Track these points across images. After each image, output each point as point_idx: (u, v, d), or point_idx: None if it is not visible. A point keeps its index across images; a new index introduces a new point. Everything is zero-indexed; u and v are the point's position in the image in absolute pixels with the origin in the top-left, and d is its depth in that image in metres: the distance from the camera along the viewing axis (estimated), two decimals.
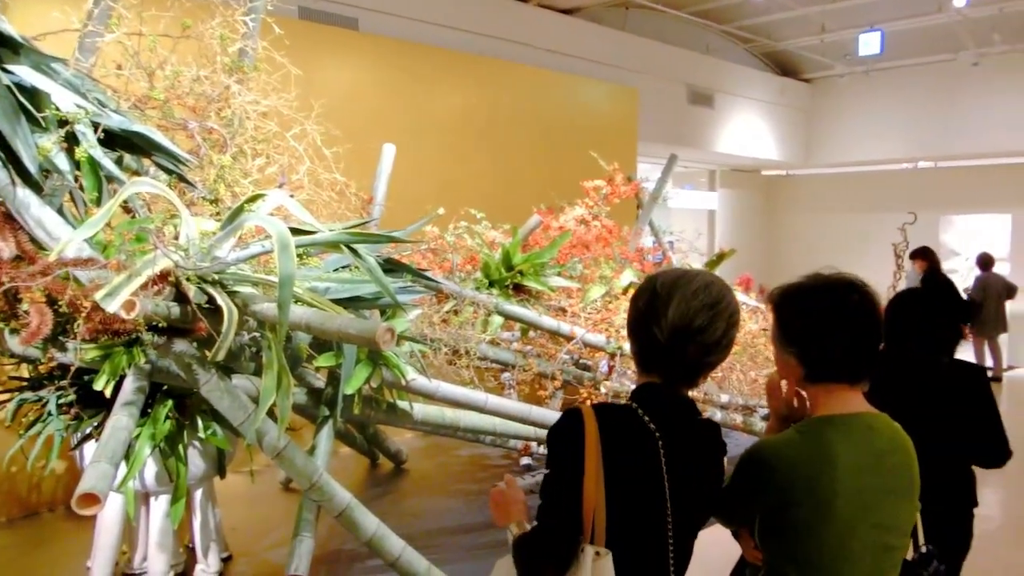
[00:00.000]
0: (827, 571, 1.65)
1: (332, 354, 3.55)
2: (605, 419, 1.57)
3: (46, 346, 3.12)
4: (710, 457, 1.67)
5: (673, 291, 1.59)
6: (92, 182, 3.14)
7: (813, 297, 1.72)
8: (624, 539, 1.54)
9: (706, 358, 1.61)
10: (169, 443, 3.46)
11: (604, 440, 1.54)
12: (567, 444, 1.55)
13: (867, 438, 1.69)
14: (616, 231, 5.57)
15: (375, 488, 5.42)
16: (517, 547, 1.60)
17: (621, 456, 1.54)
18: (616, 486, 1.53)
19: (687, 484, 1.60)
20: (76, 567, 3.94)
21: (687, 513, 1.61)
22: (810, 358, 1.70)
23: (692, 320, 1.57)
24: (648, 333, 1.60)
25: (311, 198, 3.92)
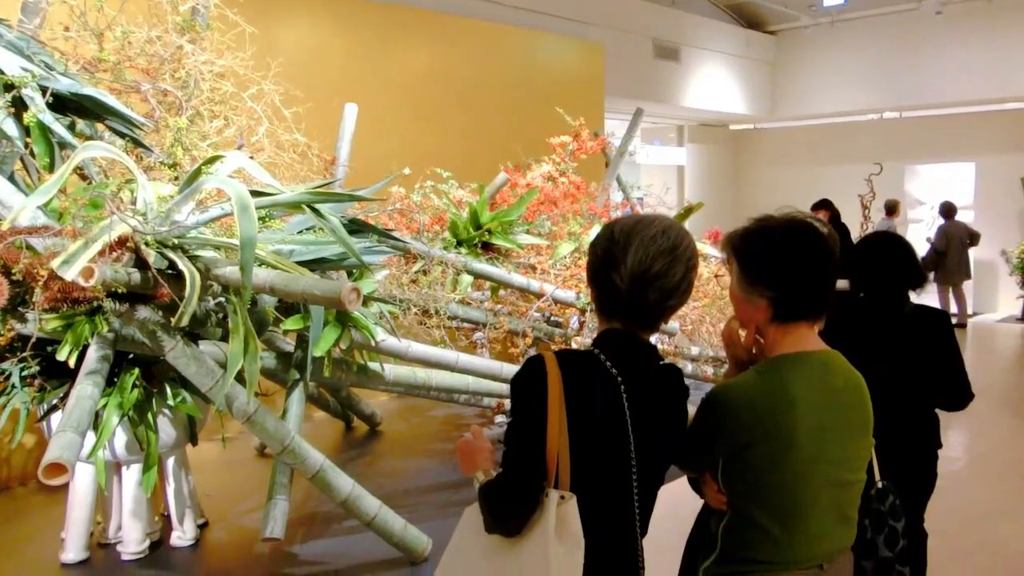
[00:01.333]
0: (790, 508, 1.67)
1: (299, 317, 3.52)
2: (567, 364, 1.56)
3: (5, 317, 3.06)
4: (672, 401, 1.67)
5: (631, 237, 1.59)
6: (43, 148, 3.06)
7: (780, 236, 1.72)
8: (588, 484, 1.55)
9: (666, 302, 1.61)
10: (138, 411, 3.43)
11: (567, 385, 1.54)
12: (530, 390, 1.55)
13: (823, 376, 1.71)
14: (584, 187, 5.56)
15: (350, 451, 5.43)
16: (482, 494, 1.60)
17: (584, 401, 1.55)
18: (579, 431, 1.54)
19: (650, 428, 1.60)
20: (50, 539, 3.92)
21: (650, 458, 1.61)
22: (781, 298, 1.70)
23: (651, 266, 1.57)
24: (608, 280, 1.59)
25: (272, 160, 3.86)
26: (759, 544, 1.69)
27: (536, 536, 1.53)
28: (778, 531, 1.67)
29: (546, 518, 1.51)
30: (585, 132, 5.66)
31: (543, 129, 5.94)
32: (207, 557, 3.87)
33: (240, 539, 4.04)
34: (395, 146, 5.85)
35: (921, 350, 2.77)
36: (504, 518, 1.56)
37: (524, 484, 1.53)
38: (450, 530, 1.67)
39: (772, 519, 1.67)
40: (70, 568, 3.69)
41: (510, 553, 1.56)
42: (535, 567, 1.51)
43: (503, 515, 1.57)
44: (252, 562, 3.79)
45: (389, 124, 6.43)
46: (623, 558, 1.63)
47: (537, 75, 8.26)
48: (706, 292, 5.52)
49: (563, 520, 1.51)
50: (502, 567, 1.57)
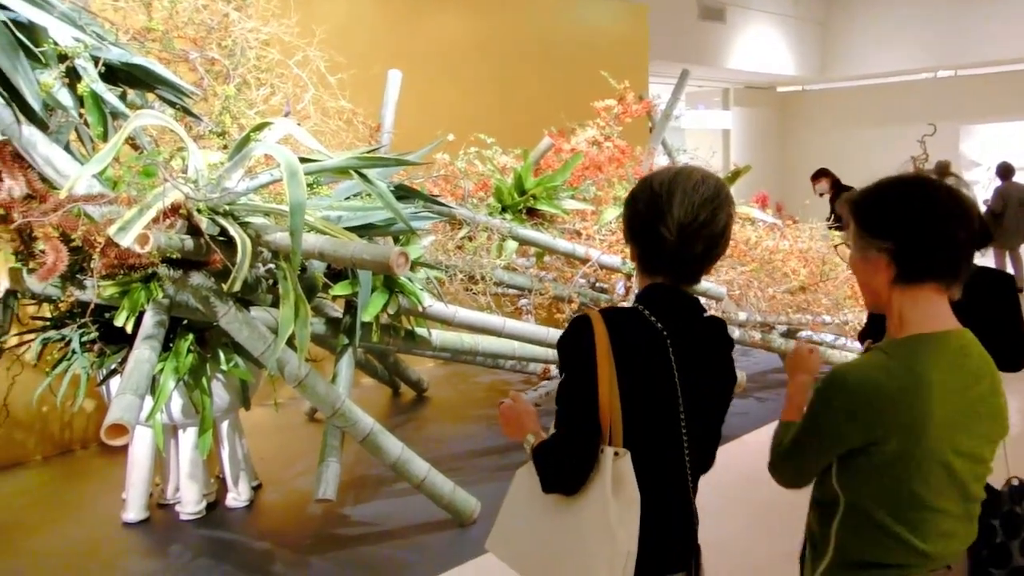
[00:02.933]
0: (920, 505, 1.52)
1: (348, 282, 3.55)
2: (612, 322, 1.57)
3: (64, 284, 3.15)
4: (718, 352, 1.67)
5: (674, 188, 1.57)
6: (96, 117, 3.11)
7: (899, 185, 1.61)
8: (640, 440, 1.56)
9: (712, 251, 1.60)
10: (193, 376, 3.51)
11: (614, 342, 1.54)
12: (578, 349, 1.56)
13: (959, 359, 1.54)
14: (629, 152, 5.49)
15: (398, 416, 5.50)
16: (538, 455, 1.61)
17: (631, 356, 1.55)
18: (629, 387, 1.54)
19: (698, 382, 1.60)
20: (112, 500, 4.05)
21: (700, 411, 1.62)
22: (900, 249, 1.52)
23: (697, 214, 1.55)
24: (654, 234, 1.57)
25: (318, 127, 3.88)
26: (884, 546, 1.54)
27: (594, 494, 1.53)
28: (906, 531, 1.53)
29: (603, 475, 1.52)
30: (630, 95, 5.58)
31: (587, 93, 5.87)
32: (261, 518, 3.97)
33: (293, 501, 4.13)
34: (438, 112, 5.83)
35: (985, 313, 2.70)
36: (564, 477, 1.57)
37: (582, 441, 1.54)
38: (498, 494, 1.66)
39: (900, 519, 1.53)
40: (131, 527, 3.82)
41: (568, 512, 1.57)
42: (596, 525, 1.52)
43: (563, 474, 1.57)
44: (304, 523, 3.88)
45: (432, 90, 6.41)
46: (676, 513, 1.63)
47: (580, 38, 8.15)
48: (754, 256, 5.44)
49: (619, 477, 1.52)
50: (562, 526, 1.58)
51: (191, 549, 3.62)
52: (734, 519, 3.70)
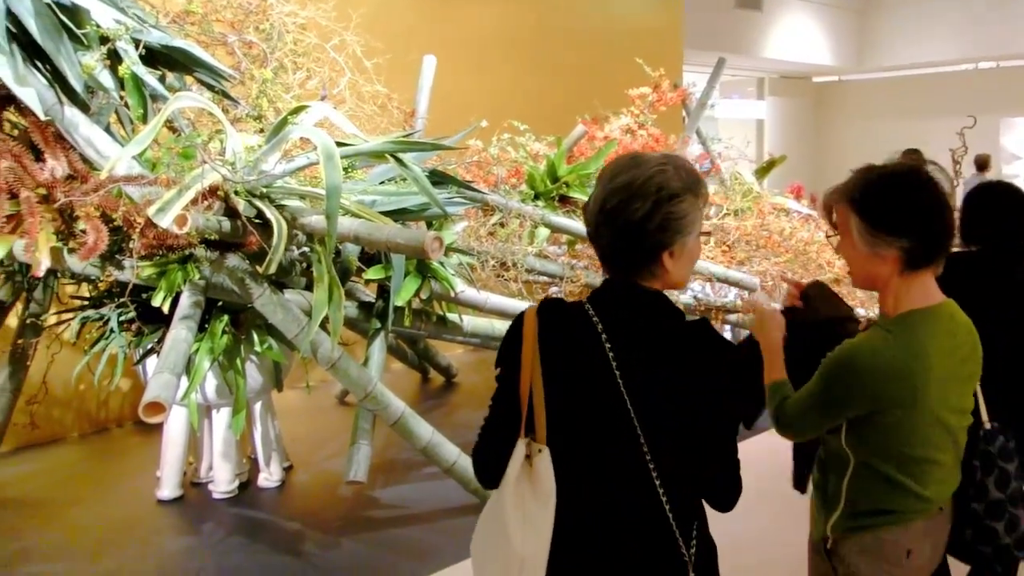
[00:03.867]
0: (921, 458, 1.70)
1: (381, 267, 3.57)
2: (546, 316, 1.51)
3: (104, 264, 3.19)
4: (704, 359, 1.49)
5: (600, 178, 1.52)
6: (137, 99, 3.14)
7: (906, 182, 1.68)
8: (574, 439, 1.48)
9: (640, 242, 1.46)
10: (227, 357, 3.55)
11: (542, 337, 1.49)
12: (507, 341, 1.54)
13: (950, 328, 1.72)
14: (663, 140, 5.44)
15: (427, 401, 5.52)
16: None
17: (557, 352, 1.49)
18: (554, 382, 1.47)
19: (654, 382, 1.46)
20: (146, 477, 4.12)
21: (662, 414, 1.45)
22: (916, 247, 1.66)
23: (604, 203, 1.47)
24: (591, 226, 1.52)
25: (353, 112, 3.89)
26: (890, 495, 1.72)
27: (505, 488, 1.49)
28: (910, 481, 1.71)
29: (510, 469, 1.48)
30: (665, 83, 5.53)
31: (621, 81, 5.82)
32: (293, 498, 4.02)
33: (324, 482, 4.18)
34: (472, 99, 5.83)
35: None
36: (481, 469, 1.56)
37: (493, 435, 1.53)
38: None
39: (904, 471, 1.70)
40: (166, 504, 3.89)
41: (489, 507, 1.56)
42: (495, 523, 1.51)
43: (480, 466, 1.56)
44: (335, 504, 3.92)
45: (466, 76, 6.40)
46: (637, 521, 1.49)
47: (615, 26, 8.09)
48: (788, 248, 5.38)
49: (535, 473, 1.46)
50: (488, 521, 1.56)
51: (224, 527, 3.68)
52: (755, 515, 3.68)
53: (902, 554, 1.73)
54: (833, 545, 1.77)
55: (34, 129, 2.99)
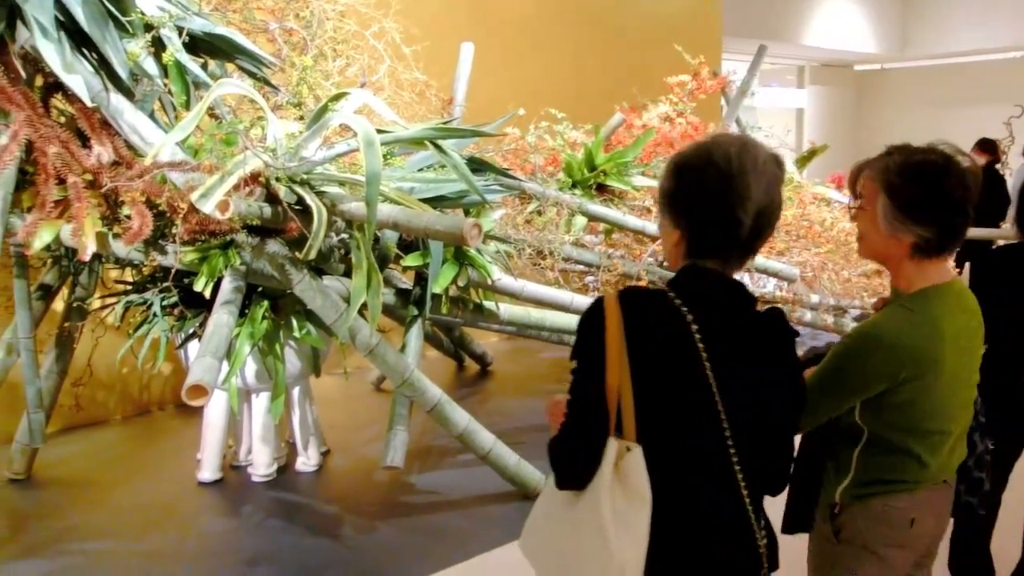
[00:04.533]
0: (936, 431, 1.75)
1: (419, 254, 3.58)
2: (631, 305, 1.44)
3: (147, 249, 3.24)
4: (776, 350, 1.50)
5: (744, 166, 1.42)
6: (180, 86, 3.18)
7: (941, 174, 1.68)
8: (660, 437, 1.43)
9: (770, 229, 1.49)
10: (267, 342, 3.59)
11: (628, 327, 1.41)
12: (587, 333, 1.46)
13: (961, 304, 1.78)
14: (702, 128, 5.38)
15: (462, 389, 5.54)
16: (549, 448, 1.52)
17: (648, 344, 1.42)
18: (644, 377, 1.41)
19: (743, 376, 1.45)
20: (187, 460, 4.19)
21: (749, 409, 1.45)
22: (933, 237, 1.69)
23: (773, 197, 1.44)
24: (725, 217, 1.44)
25: (391, 100, 3.90)
26: (902, 465, 1.76)
27: (595, 490, 1.43)
28: (923, 453, 1.75)
29: (604, 471, 1.42)
30: (705, 71, 5.47)
31: (659, 69, 5.77)
32: (330, 483, 4.06)
33: (360, 467, 4.21)
34: (509, 86, 5.81)
35: None
36: (566, 470, 1.49)
37: (583, 432, 1.45)
38: None
39: (918, 443, 1.74)
40: (206, 486, 3.95)
41: (575, 510, 1.48)
42: (590, 526, 1.42)
43: (564, 467, 1.49)
44: (372, 489, 3.96)
45: (503, 64, 6.38)
46: (732, 534, 1.49)
47: (653, 13, 8.01)
48: (829, 238, 5.30)
49: (625, 473, 1.41)
50: (568, 526, 1.49)
51: (263, 510, 3.73)
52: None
53: (906, 522, 1.77)
54: (840, 510, 1.80)
55: (81, 116, 3.05)
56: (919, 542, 1.82)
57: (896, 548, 1.78)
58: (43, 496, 3.90)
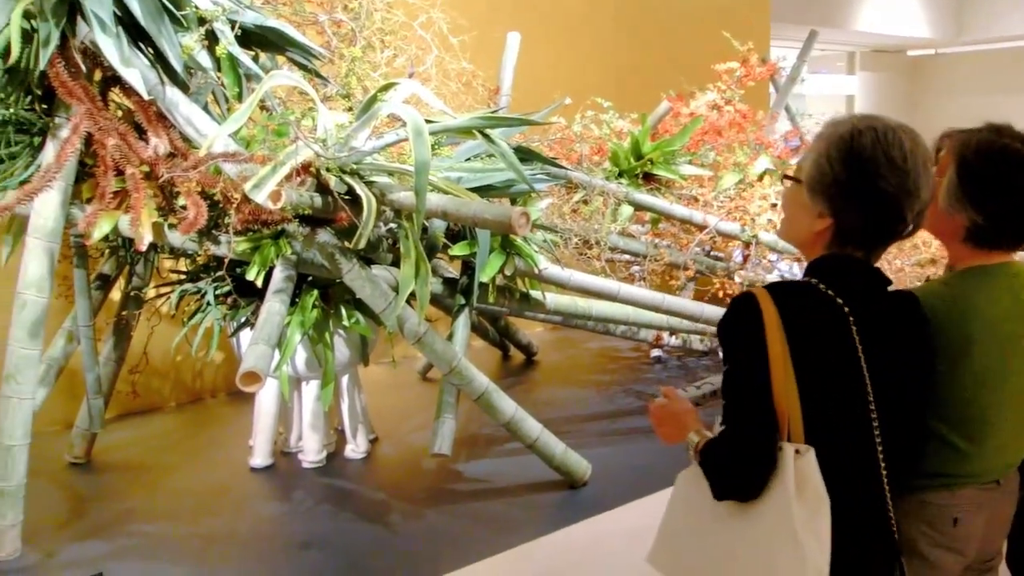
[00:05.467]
0: (976, 419, 1.64)
1: (466, 243, 3.60)
2: (784, 299, 1.40)
3: (201, 239, 3.31)
4: (913, 334, 1.50)
5: (917, 164, 1.41)
6: (232, 79, 3.24)
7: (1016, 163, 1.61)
8: (824, 435, 1.39)
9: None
10: (317, 331, 3.64)
11: (786, 322, 1.37)
12: (744, 333, 1.40)
13: (1011, 285, 1.66)
14: (751, 116, 5.31)
15: (508, 378, 5.56)
16: (706, 457, 1.45)
17: (809, 339, 1.39)
18: (807, 374, 1.37)
19: (888, 366, 1.44)
20: (239, 446, 4.28)
21: (892, 399, 1.45)
22: (985, 225, 1.62)
23: (928, 198, 1.44)
24: (890, 212, 1.42)
25: (438, 90, 3.92)
26: (941, 458, 1.65)
27: (775, 498, 1.36)
28: (964, 444, 1.64)
29: (784, 476, 1.35)
30: (754, 57, 5.39)
31: (706, 56, 5.70)
32: (378, 469, 4.11)
33: (408, 454, 4.26)
34: (555, 75, 5.80)
35: None
36: (738, 480, 1.41)
37: (756, 438, 1.38)
38: (608, 458, 1.61)
39: (957, 432, 1.63)
40: (258, 472, 4.03)
41: (746, 521, 1.41)
42: (780, 535, 1.35)
43: (736, 477, 1.40)
44: (419, 476, 4.00)
45: (550, 53, 6.36)
46: (871, 521, 1.47)
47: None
48: None
49: (803, 477, 1.35)
50: (739, 537, 1.42)
51: (313, 495, 3.79)
52: None
53: (947, 521, 1.65)
54: None
55: (138, 108, 3.12)
56: (967, 545, 1.69)
57: (941, 550, 1.67)
58: (102, 479, 4.02)
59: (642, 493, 3.66)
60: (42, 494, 3.63)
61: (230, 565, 3.18)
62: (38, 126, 3.19)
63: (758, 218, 4.66)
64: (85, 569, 2.93)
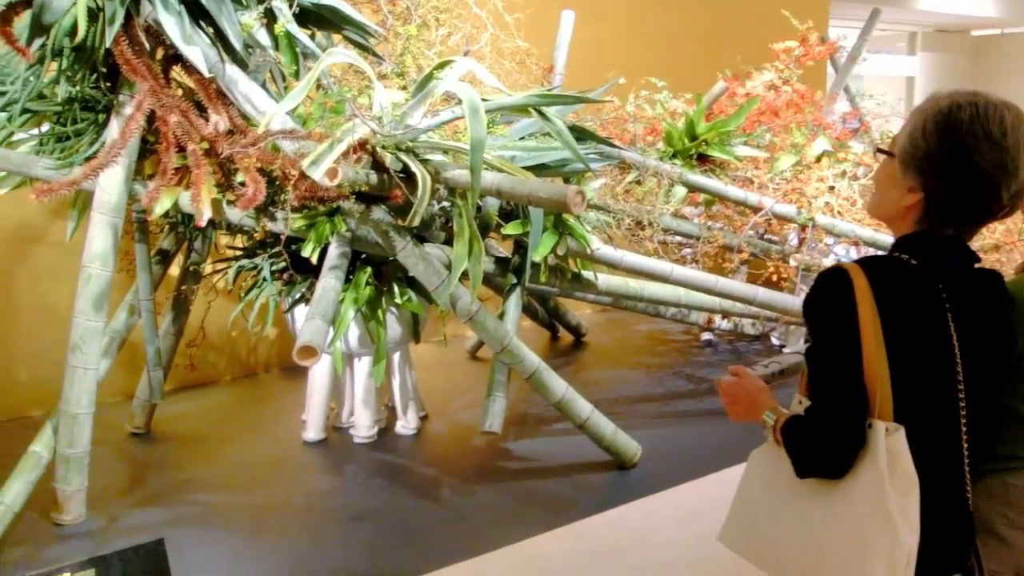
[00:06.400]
0: None
1: (519, 222, 3.59)
2: (877, 274, 1.37)
3: (259, 215, 3.36)
4: (997, 313, 1.47)
5: (1018, 139, 1.37)
6: (290, 57, 3.26)
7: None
8: (913, 413, 1.36)
9: None
10: (370, 307, 3.68)
11: (879, 298, 1.35)
12: (836, 308, 1.37)
13: None
14: (809, 96, 5.21)
15: (557, 359, 5.56)
16: (790, 434, 1.43)
17: (901, 315, 1.36)
18: (899, 351, 1.35)
19: (974, 346, 1.41)
20: (291, 420, 4.35)
21: (979, 381, 1.43)
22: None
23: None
24: (988, 190, 1.39)
25: (492, 68, 3.90)
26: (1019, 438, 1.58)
27: (866, 478, 1.35)
28: None
29: (876, 455, 1.33)
30: (813, 36, 5.27)
31: (763, 35, 5.60)
32: (428, 445, 4.15)
33: (457, 432, 4.29)
34: (609, 55, 5.74)
35: None
36: (827, 459, 1.39)
37: (847, 416, 1.36)
38: (658, 440, 1.59)
39: None
40: (310, 446, 4.10)
41: (831, 500, 1.39)
42: (872, 515, 1.34)
43: (825, 456, 1.38)
44: (469, 453, 4.03)
45: (603, 32, 6.30)
46: (951, 499, 1.45)
47: None
48: None
49: (894, 456, 1.33)
50: (823, 517, 1.40)
51: (365, 470, 3.85)
52: None
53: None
54: None
55: (198, 86, 3.16)
56: None
57: (1019, 531, 1.64)
58: (161, 449, 4.13)
59: (692, 476, 3.64)
60: (104, 462, 3.74)
61: (285, 535, 3.25)
62: (103, 103, 3.26)
63: (815, 201, 4.58)
64: (146, 534, 3.01)
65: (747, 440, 1.65)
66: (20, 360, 4.54)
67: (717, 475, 3.65)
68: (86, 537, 3.19)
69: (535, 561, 3.01)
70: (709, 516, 3.24)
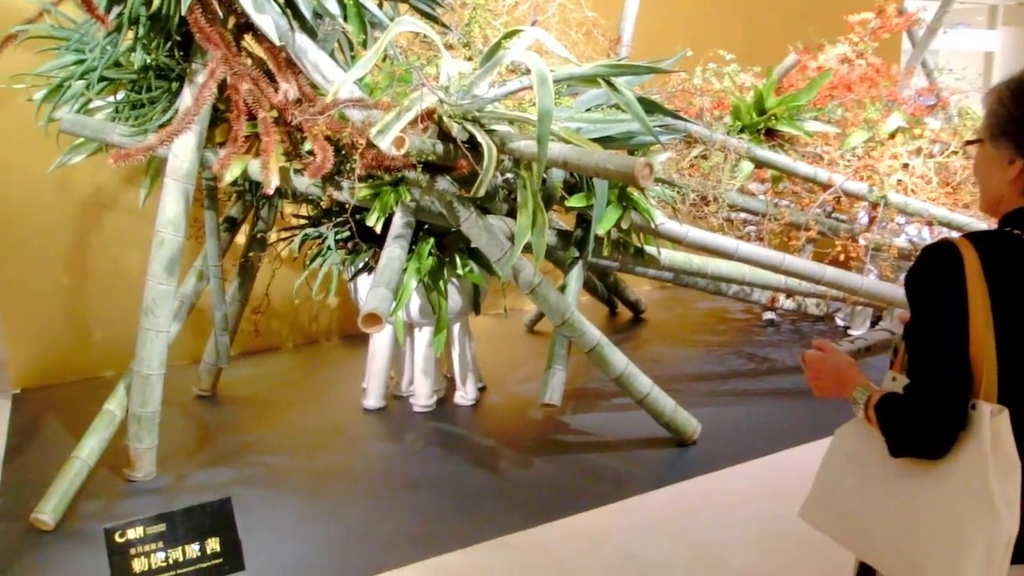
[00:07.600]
0: None
1: (583, 195, 3.56)
2: (986, 248, 1.33)
3: (325, 185, 3.39)
4: None
5: None
6: (357, 26, 3.27)
7: None
8: (1017, 395, 1.32)
9: None
10: (432, 278, 3.70)
11: (989, 274, 1.30)
12: (942, 283, 1.33)
13: None
14: (884, 70, 5.02)
15: (615, 335, 5.51)
16: (886, 412, 1.39)
17: (1011, 292, 1.31)
18: (1007, 329, 1.30)
19: None
20: (352, 387, 4.42)
21: None
22: None
23: None
24: None
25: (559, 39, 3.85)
26: None
27: (967, 459, 1.31)
28: None
29: (979, 437, 1.29)
30: (891, 8, 5.08)
31: (838, 5, 5.41)
32: (486, 416, 4.18)
33: (515, 403, 4.31)
34: (677, 27, 5.63)
35: None
36: (926, 439, 1.34)
37: (951, 396, 1.31)
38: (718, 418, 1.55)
39: None
40: (370, 413, 4.16)
41: (928, 479, 1.35)
42: (973, 497, 1.30)
43: (924, 435, 1.34)
44: (526, 425, 4.04)
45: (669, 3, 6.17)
46: None
47: None
48: None
49: (997, 439, 1.29)
50: (918, 497, 1.36)
51: (423, 438, 3.89)
52: None
53: None
54: None
55: (268, 55, 3.19)
56: None
57: None
58: (226, 412, 4.24)
59: (752, 455, 3.60)
60: (173, 423, 3.85)
61: (346, 499, 3.31)
62: (176, 72, 3.31)
63: (888, 178, 4.44)
64: (213, 492, 3.10)
65: (808, 422, 1.62)
66: (94, 322, 4.70)
67: (776, 456, 3.60)
68: (156, 493, 3.30)
69: (592, 534, 3.01)
70: (768, 496, 3.22)
